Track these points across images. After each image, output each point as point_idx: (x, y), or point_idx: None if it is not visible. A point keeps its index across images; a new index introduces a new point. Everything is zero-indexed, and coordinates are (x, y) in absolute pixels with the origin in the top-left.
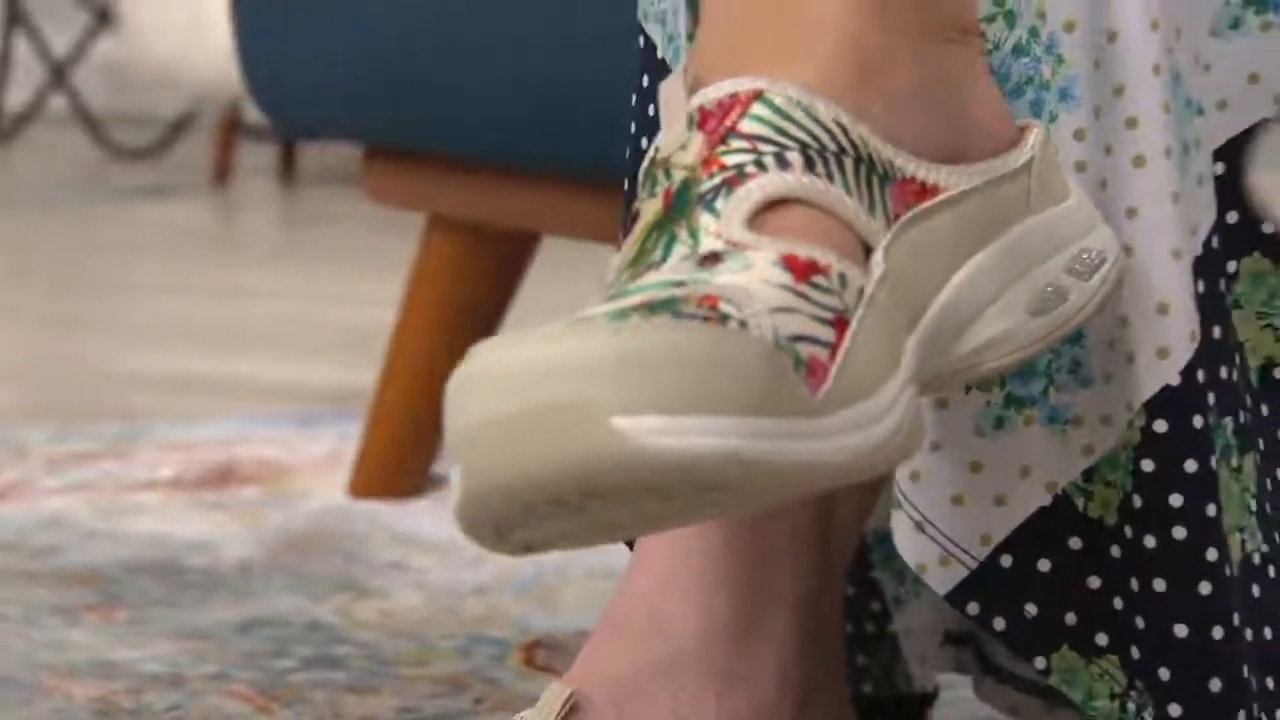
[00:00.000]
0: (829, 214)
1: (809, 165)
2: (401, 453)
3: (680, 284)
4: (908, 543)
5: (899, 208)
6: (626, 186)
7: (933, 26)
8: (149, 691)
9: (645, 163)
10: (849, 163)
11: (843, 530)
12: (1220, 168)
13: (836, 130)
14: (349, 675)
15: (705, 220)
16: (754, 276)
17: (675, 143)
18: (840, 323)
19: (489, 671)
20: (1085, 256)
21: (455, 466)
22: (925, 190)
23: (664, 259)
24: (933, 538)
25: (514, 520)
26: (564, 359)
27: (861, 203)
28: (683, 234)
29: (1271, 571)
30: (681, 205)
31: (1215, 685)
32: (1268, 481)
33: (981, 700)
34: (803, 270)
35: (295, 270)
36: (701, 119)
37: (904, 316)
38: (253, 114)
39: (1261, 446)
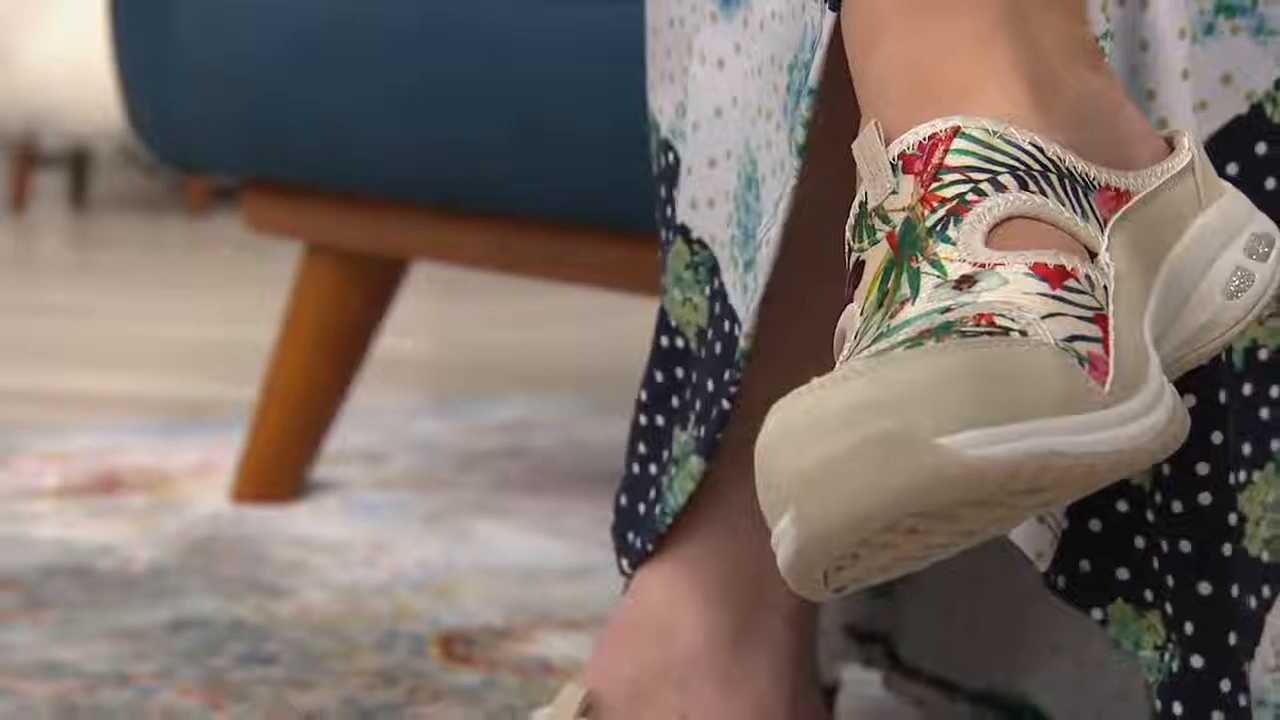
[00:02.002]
0: (1052, 225)
1: (1023, 185)
2: (282, 460)
3: (947, 309)
4: (1027, 536)
5: (1105, 213)
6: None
7: (1076, 53)
8: (101, 689)
9: (852, 218)
10: (1054, 179)
11: None
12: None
13: (1035, 151)
14: (285, 671)
15: (943, 250)
16: (1013, 290)
17: (884, 191)
18: (1100, 319)
19: (413, 664)
20: (1259, 239)
21: (783, 517)
22: (1120, 195)
23: (915, 293)
24: (1049, 525)
25: (846, 559)
26: (875, 393)
27: (1076, 212)
28: (925, 267)
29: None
30: (910, 243)
31: (1233, 638)
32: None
33: (890, 693)
34: (1055, 276)
35: (93, 289)
36: (905, 164)
37: (1136, 310)
38: (46, 142)
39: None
